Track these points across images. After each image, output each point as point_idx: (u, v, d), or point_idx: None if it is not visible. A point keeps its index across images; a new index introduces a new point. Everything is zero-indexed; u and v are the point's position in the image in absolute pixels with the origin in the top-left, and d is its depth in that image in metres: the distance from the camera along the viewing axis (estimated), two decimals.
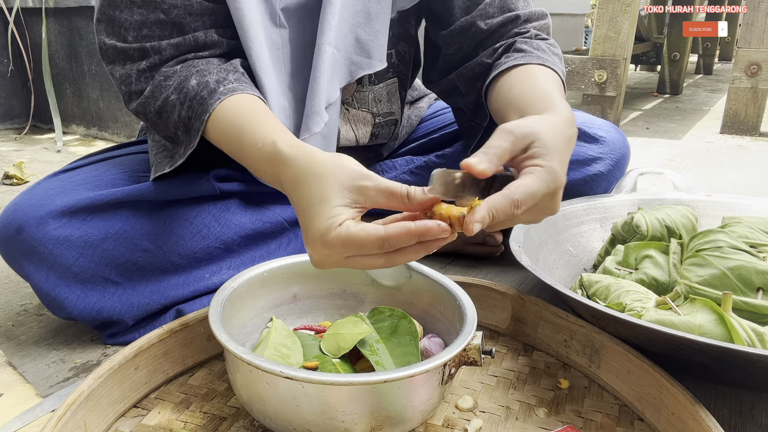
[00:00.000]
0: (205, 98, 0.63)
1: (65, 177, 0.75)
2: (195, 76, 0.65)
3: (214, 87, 0.64)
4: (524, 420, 0.57)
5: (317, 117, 0.74)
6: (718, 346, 0.50)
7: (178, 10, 0.67)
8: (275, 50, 0.73)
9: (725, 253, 0.66)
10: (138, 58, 0.67)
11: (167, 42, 0.67)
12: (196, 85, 0.65)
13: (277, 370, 0.47)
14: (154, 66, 0.67)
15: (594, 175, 0.91)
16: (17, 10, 2.15)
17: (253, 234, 0.80)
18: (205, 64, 0.67)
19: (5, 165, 1.70)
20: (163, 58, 0.67)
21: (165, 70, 0.67)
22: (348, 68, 0.76)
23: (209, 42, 0.69)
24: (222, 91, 0.64)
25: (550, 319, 0.67)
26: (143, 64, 0.67)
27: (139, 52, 0.67)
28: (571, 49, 3.88)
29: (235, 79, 0.66)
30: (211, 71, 0.66)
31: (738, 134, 2.25)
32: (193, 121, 0.65)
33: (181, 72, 0.66)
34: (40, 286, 0.68)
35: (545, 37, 0.78)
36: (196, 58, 0.68)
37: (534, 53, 0.73)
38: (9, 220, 0.68)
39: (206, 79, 0.65)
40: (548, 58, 0.73)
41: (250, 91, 0.66)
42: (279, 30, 0.73)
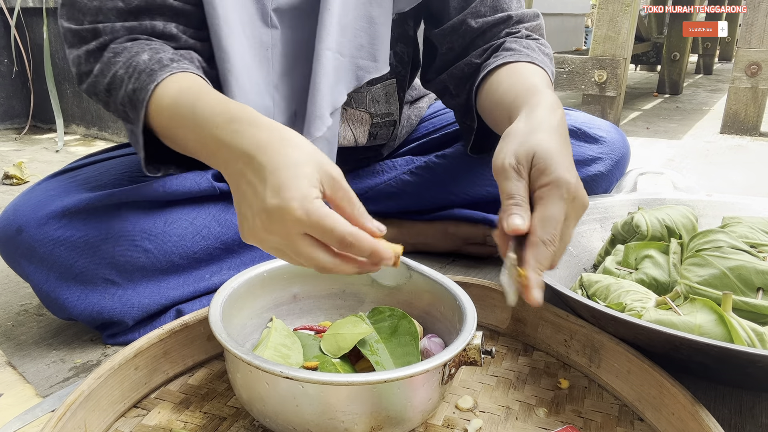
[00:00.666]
0: (155, 71, 0.60)
1: (65, 177, 0.75)
2: (147, 51, 0.63)
3: (167, 63, 0.61)
4: (524, 420, 0.57)
5: (319, 121, 0.74)
6: (718, 346, 0.50)
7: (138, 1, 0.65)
8: (263, 50, 0.73)
9: (725, 253, 0.66)
10: (90, 38, 0.65)
11: (121, 24, 0.65)
12: (148, 60, 0.61)
13: (276, 370, 0.47)
14: (104, 45, 0.65)
15: (594, 175, 0.91)
16: (18, 11, 2.15)
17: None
18: (159, 44, 0.65)
19: (5, 165, 1.70)
20: (114, 38, 0.65)
21: (114, 47, 0.64)
22: (354, 73, 0.76)
23: (167, 33, 0.67)
24: (175, 66, 0.61)
25: (550, 319, 0.67)
26: (93, 44, 0.65)
27: (92, 32, 0.65)
28: (571, 49, 3.88)
29: (190, 62, 0.64)
30: (166, 51, 0.64)
31: (738, 134, 2.25)
32: (138, 92, 0.60)
33: (132, 48, 0.63)
34: (41, 286, 0.68)
35: (536, 37, 0.78)
36: (150, 40, 0.66)
37: (523, 51, 0.73)
38: (9, 221, 0.68)
39: (160, 56, 0.62)
40: (537, 56, 0.72)
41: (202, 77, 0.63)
42: (270, 30, 0.72)
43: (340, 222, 0.47)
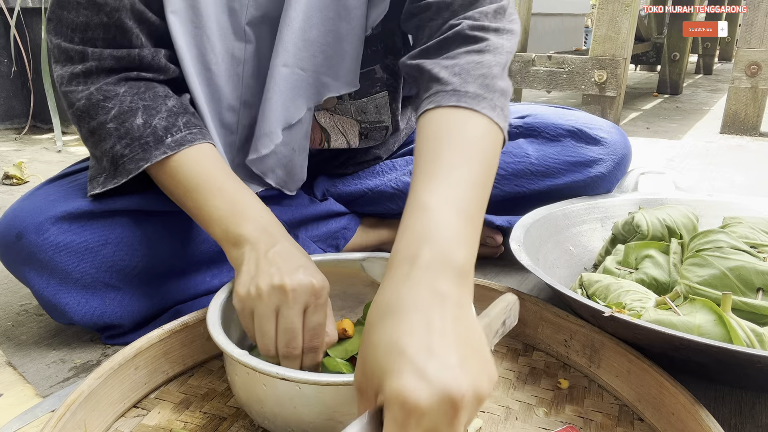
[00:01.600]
0: (150, 145, 0.62)
1: (64, 182, 0.74)
2: (142, 112, 0.63)
3: (161, 135, 0.62)
4: (524, 420, 0.57)
5: (266, 138, 0.72)
6: (717, 346, 0.50)
7: (120, 13, 0.63)
8: (235, 65, 0.71)
9: (725, 253, 0.66)
10: (77, 60, 0.64)
11: (109, 52, 0.64)
12: (142, 126, 0.63)
13: (273, 372, 0.47)
14: (89, 72, 0.64)
15: (595, 177, 0.91)
16: (18, 11, 2.15)
17: None
18: (152, 97, 0.65)
19: (5, 165, 1.70)
20: (102, 66, 0.64)
21: (106, 89, 0.64)
22: (316, 88, 0.73)
23: (155, 65, 0.66)
24: (169, 143, 0.62)
25: (550, 319, 0.67)
26: (79, 67, 0.64)
27: (80, 54, 0.64)
28: (571, 49, 3.88)
29: (185, 123, 0.64)
30: (160, 110, 0.64)
31: (738, 134, 2.25)
32: (128, 163, 0.63)
33: (124, 97, 0.64)
34: (41, 292, 0.68)
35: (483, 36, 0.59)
36: (140, 78, 0.66)
37: (449, 85, 0.55)
38: (8, 227, 0.68)
39: (154, 122, 0.63)
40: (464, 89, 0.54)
41: (201, 140, 0.64)
42: (244, 45, 0.71)
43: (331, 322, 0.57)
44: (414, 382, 0.33)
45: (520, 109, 1.00)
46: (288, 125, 0.73)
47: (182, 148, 0.63)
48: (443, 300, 0.38)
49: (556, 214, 0.87)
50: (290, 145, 0.75)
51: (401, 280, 0.39)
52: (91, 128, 0.64)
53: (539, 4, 3.83)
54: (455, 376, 0.34)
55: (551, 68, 2.34)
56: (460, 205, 0.45)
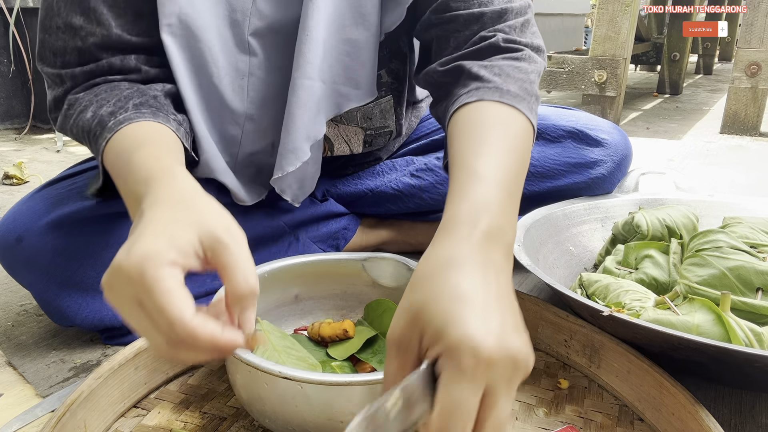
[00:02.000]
0: (97, 135, 0.58)
1: (64, 184, 0.74)
2: (92, 107, 0.60)
3: (106, 121, 0.58)
4: (524, 420, 0.57)
5: (292, 156, 0.70)
6: (716, 345, 0.50)
7: (93, 38, 0.63)
8: (239, 78, 0.70)
9: (725, 253, 0.66)
10: (58, 83, 0.65)
11: (80, 69, 0.63)
12: (90, 119, 0.59)
13: (275, 371, 0.47)
14: (67, 92, 0.64)
15: (596, 178, 0.91)
16: (18, 10, 2.15)
17: (253, 238, 0.79)
18: (108, 90, 0.62)
19: (5, 165, 1.70)
20: (76, 83, 0.64)
21: (70, 98, 0.63)
22: (335, 100, 0.72)
23: (125, 67, 0.65)
24: (111, 125, 0.57)
25: (550, 319, 0.67)
26: (59, 90, 0.64)
27: (58, 78, 0.64)
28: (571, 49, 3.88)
29: (136, 104, 0.60)
30: (110, 100, 0.60)
31: (738, 134, 2.25)
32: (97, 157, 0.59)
33: (83, 99, 0.62)
34: (41, 295, 0.68)
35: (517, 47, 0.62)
36: (106, 82, 0.64)
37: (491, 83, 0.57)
38: (8, 230, 0.68)
39: (101, 112, 0.59)
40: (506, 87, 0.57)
41: (149, 119, 0.58)
42: (248, 57, 0.69)
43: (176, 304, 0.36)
44: (485, 330, 0.34)
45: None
46: (314, 141, 0.71)
47: (121, 125, 0.56)
48: (498, 269, 0.39)
49: (556, 215, 0.87)
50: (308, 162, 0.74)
51: (463, 239, 0.40)
52: (74, 137, 0.64)
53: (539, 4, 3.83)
54: (520, 338, 0.36)
55: (551, 68, 2.34)
56: (509, 185, 0.46)
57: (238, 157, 0.75)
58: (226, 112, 0.71)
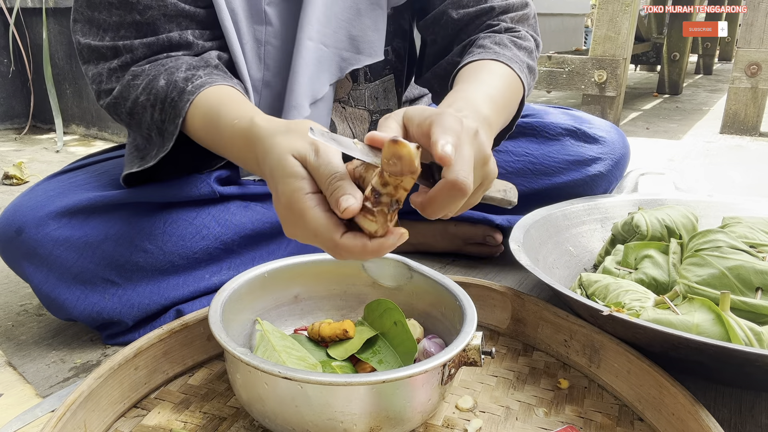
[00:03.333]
0: (175, 100, 0.63)
1: (65, 178, 0.75)
2: (163, 75, 0.64)
3: (183, 86, 0.63)
4: (524, 420, 0.57)
5: (295, 111, 0.75)
6: (715, 345, 0.50)
7: (153, 11, 0.66)
8: (258, 47, 0.74)
9: (724, 253, 0.66)
10: (111, 56, 0.67)
11: (140, 41, 0.66)
12: (165, 86, 0.64)
13: (275, 371, 0.47)
14: (126, 65, 0.67)
15: (594, 176, 0.91)
16: (18, 10, 2.15)
17: (252, 234, 0.80)
18: (174, 61, 0.66)
19: (5, 165, 1.70)
20: (135, 57, 0.66)
21: (134, 69, 0.66)
22: (338, 64, 0.77)
23: (183, 42, 0.68)
24: (190, 89, 0.63)
25: (549, 319, 0.67)
26: (115, 62, 0.66)
27: (112, 50, 0.66)
28: (571, 49, 3.88)
29: (206, 74, 0.65)
30: (180, 68, 0.65)
31: (738, 134, 2.25)
32: (167, 125, 0.64)
33: (150, 71, 0.65)
34: (40, 287, 0.68)
35: (516, 29, 0.75)
36: (168, 57, 0.67)
37: (491, 49, 0.69)
38: (9, 222, 0.68)
39: (174, 78, 0.64)
40: (506, 53, 0.69)
41: (222, 82, 0.65)
42: (263, 27, 0.73)
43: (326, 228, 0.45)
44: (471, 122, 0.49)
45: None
46: (314, 100, 0.76)
47: (202, 89, 0.62)
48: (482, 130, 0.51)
49: (555, 215, 0.87)
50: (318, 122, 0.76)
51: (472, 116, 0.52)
52: (128, 110, 0.66)
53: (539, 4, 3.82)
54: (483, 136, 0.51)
55: (551, 68, 2.34)
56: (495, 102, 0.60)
57: None
58: (248, 80, 0.75)
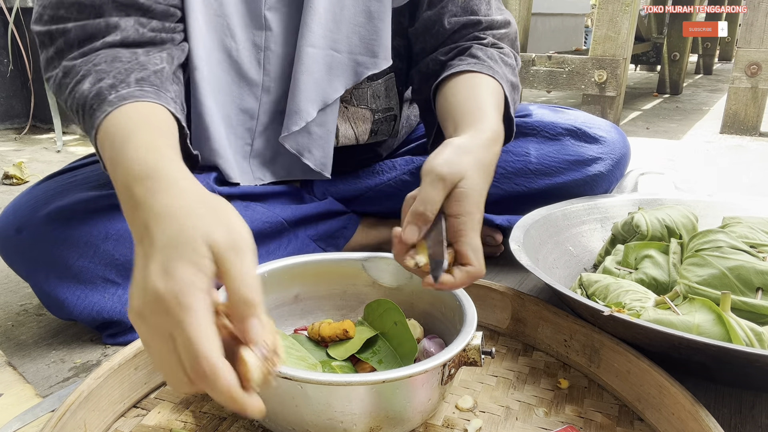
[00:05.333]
0: (94, 109, 0.54)
1: (64, 177, 0.75)
2: (90, 77, 0.56)
3: (105, 94, 0.54)
4: (524, 420, 0.57)
5: (296, 116, 0.75)
6: (716, 345, 0.50)
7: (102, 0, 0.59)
8: (257, 53, 0.73)
9: (725, 253, 0.66)
10: (48, 43, 0.60)
11: (73, 23, 0.59)
12: (87, 90, 0.56)
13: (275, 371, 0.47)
14: (60, 51, 0.60)
15: (594, 175, 0.91)
16: (17, 10, 2.15)
17: (252, 234, 0.79)
18: (107, 61, 0.58)
19: (5, 165, 1.70)
20: (68, 40, 0.59)
21: (66, 64, 0.59)
22: (354, 69, 0.77)
23: (122, 25, 0.60)
24: (111, 99, 0.54)
25: (550, 319, 0.67)
26: (51, 50, 0.60)
27: (48, 36, 0.60)
28: (571, 49, 3.88)
29: (138, 79, 0.57)
30: (110, 71, 0.57)
31: (738, 134, 2.25)
32: (89, 133, 0.57)
33: (80, 68, 0.58)
34: (40, 286, 0.68)
35: (501, 46, 0.78)
36: (104, 45, 0.59)
37: (486, 62, 0.72)
38: (8, 221, 0.68)
39: (100, 85, 0.55)
40: (498, 69, 0.73)
41: (151, 98, 0.55)
42: (263, 32, 0.73)
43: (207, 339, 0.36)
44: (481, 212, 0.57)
45: (519, 108, 1.00)
46: (324, 105, 0.76)
47: (124, 103, 0.53)
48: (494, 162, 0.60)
49: (555, 215, 0.87)
50: (325, 126, 0.78)
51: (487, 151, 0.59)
52: (69, 109, 0.60)
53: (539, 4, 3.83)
54: None
55: (551, 68, 2.34)
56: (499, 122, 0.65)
57: (255, 132, 0.77)
58: (245, 85, 0.74)
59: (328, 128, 0.78)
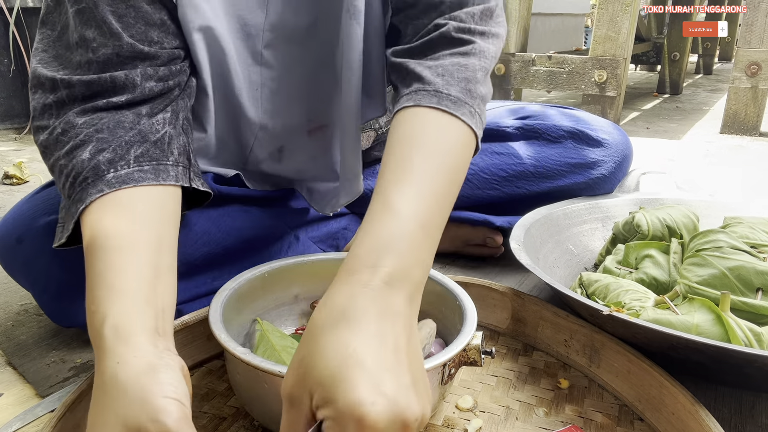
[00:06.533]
0: (88, 182, 0.51)
1: None
2: (91, 144, 0.54)
3: (103, 170, 0.52)
4: (524, 420, 0.57)
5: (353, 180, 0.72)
6: (715, 345, 0.50)
7: (106, 50, 0.56)
8: (253, 89, 0.70)
9: (725, 253, 0.66)
10: (48, 89, 0.57)
11: (78, 78, 0.56)
12: (87, 161, 0.52)
13: (276, 370, 0.47)
14: (61, 102, 0.57)
15: (596, 178, 0.91)
16: (18, 10, 2.15)
17: (254, 238, 0.79)
18: (110, 126, 0.55)
19: (5, 165, 1.70)
20: (72, 94, 0.57)
21: (67, 120, 0.56)
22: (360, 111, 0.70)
23: (129, 84, 0.58)
24: (110, 178, 0.51)
25: (550, 318, 0.67)
26: (51, 97, 0.57)
27: (51, 82, 0.57)
28: (571, 49, 3.88)
29: (138, 156, 0.54)
30: (112, 142, 0.54)
31: (738, 134, 2.25)
32: (71, 205, 0.53)
33: (80, 130, 0.55)
34: (41, 296, 0.68)
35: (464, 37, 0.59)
36: (109, 106, 0.57)
37: (431, 85, 0.54)
38: (9, 231, 0.68)
39: (99, 159, 0.52)
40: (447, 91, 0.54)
41: (149, 181, 0.53)
42: (260, 68, 0.70)
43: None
44: (373, 397, 0.33)
45: (520, 109, 1.00)
46: None
47: (124, 186, 0.51)
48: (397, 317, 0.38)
49: (556, 214, 0.87)
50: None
51: (359, 287, 0.39)
52: (50, 166, 0.56)
53: (539, 4, 3.83)
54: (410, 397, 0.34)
55: (551, 68, 2.34)
56: (425, 219, 0.44)
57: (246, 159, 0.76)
58: (244, 122, 0.71)
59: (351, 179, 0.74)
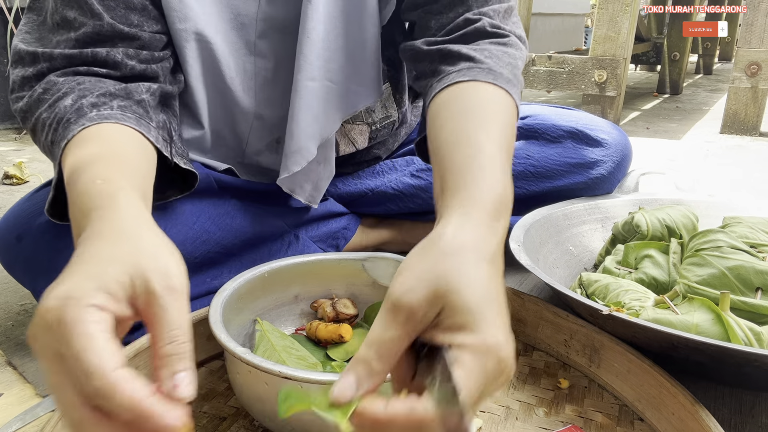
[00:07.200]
0: (71, 121, 0.51)
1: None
2: (73, 94, 0.55)
3: (86, 110, 0.52)
4: (524, 420, 0.57)
5: (298, 155, 0.71)
6: (714, 345, 0.50)
7: (86, 29, 0.59)
8: (248, 79, 0.71)
9: (724, 252, 0.66)
10: (28, 62, 0.59)
11: (60, 51, 0.58)
12: (69, 106, 0.53)
13: (275, 371, 0.47)
14: (41, 74, 0.59)
15: (596, 178, 0.91)
16: (17, 9, 2.15)
17: (253, 237, 0.79)
18: (92, 82, 0.57)
19: (5, 165, 1.70)
20: (53, 67, 0.58)
21: (49, 79, 0.57)
22: (349, 99, 0.73)
23: (110, 60, 0.59)
24: (93, 116, 0.52)
25: (550, 318, 0.67)
26: (30, 70, 0.59)
27: (31, 56, 0.59)
28: (571, 49, 3.88)
29: (121, 106, 0.55)
30: (94, 91, 0.55)
31: (738, 134, 2.25)
32: (54, 148, 0.53)
33: (62, 86, 0.56)
34: (41, 294, 0.68)
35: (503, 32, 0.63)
36: (89, 74, 0.59)
37: (483, 65, 0.57)
38: (9, 229, 0.68)
39: (82, 102, 0.54)
40: (499, 70, 0.58)
41: (130, 123, 0.53)
42: (254, 59, 0.70)
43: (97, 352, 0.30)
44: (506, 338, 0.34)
45: (520, 109, 1.00)
46: (323, 140, 0.72)
47: (105, 121, 0.51)
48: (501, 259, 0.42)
49: (556, 215, 0.87)
50: (317, 159, 0.75)
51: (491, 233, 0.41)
52: (31, 127, 0.57)
53: (539, 4, 3.83)
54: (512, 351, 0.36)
55: (551, 68, 2.34)
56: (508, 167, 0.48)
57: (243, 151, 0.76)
58: (238, 111, 0.72)
59: (318, 160, 0.75)
